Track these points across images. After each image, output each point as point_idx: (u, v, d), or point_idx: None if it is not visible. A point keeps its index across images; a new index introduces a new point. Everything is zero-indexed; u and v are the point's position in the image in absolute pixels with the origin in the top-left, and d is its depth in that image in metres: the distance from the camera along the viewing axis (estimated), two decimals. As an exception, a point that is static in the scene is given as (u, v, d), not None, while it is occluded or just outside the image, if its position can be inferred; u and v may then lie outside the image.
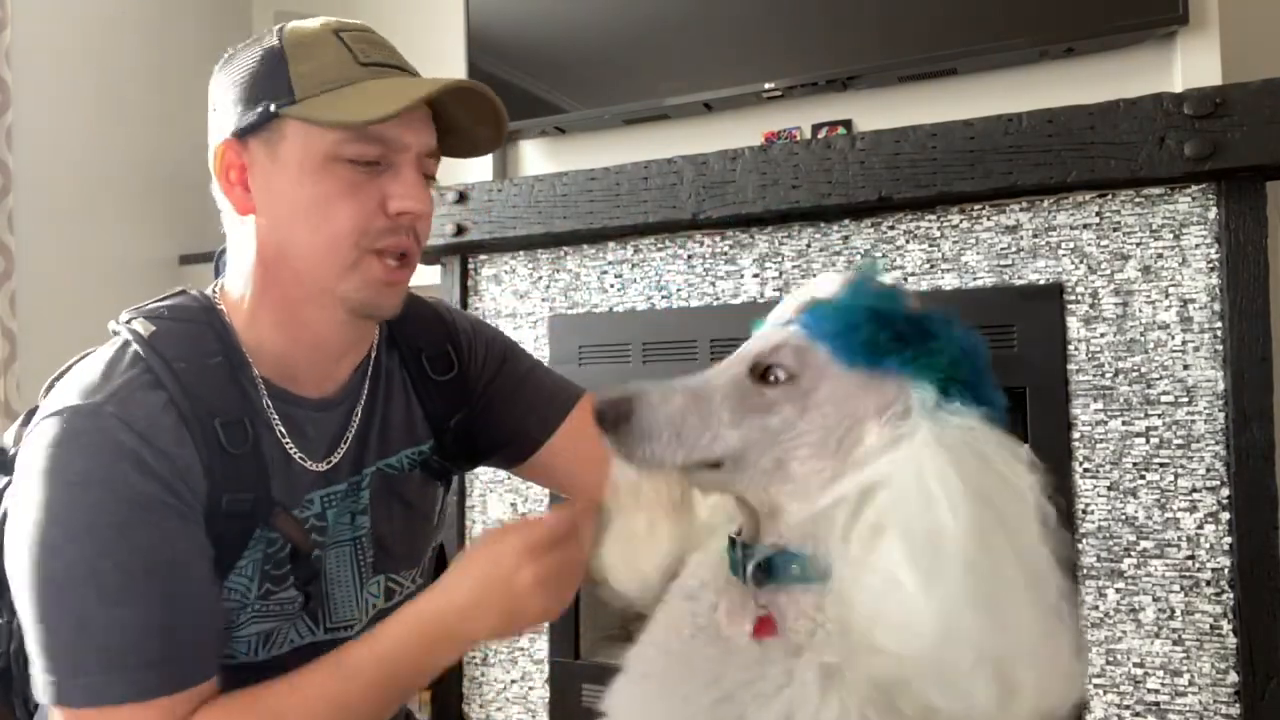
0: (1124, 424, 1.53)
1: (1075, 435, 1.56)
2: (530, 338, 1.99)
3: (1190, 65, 1.66)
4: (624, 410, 0.67)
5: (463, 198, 1.94)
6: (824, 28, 1.89)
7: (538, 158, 2.26)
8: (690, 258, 1.85)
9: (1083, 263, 1.57)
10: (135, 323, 0.87)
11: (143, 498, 0.79)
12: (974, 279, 1.64)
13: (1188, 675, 1.48)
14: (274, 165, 0.86)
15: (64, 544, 0.78)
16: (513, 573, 0.82)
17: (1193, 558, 1.48)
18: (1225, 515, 1.46)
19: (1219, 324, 1.47)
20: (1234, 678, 1.45)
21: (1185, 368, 1.50)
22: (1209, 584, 1.47)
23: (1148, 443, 1.52)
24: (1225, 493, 1.46)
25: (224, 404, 0.85)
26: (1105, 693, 1.52)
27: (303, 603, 0.91)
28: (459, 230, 1.95)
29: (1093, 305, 1.56)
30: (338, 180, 0.85)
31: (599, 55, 2.09)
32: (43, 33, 2.32)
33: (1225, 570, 1.46)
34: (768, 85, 1.92)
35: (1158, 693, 1.49)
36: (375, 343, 1.00)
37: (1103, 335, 1.55)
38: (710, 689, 0.67)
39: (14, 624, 0.85)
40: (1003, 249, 1.62)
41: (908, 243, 1.68)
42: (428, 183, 0.91)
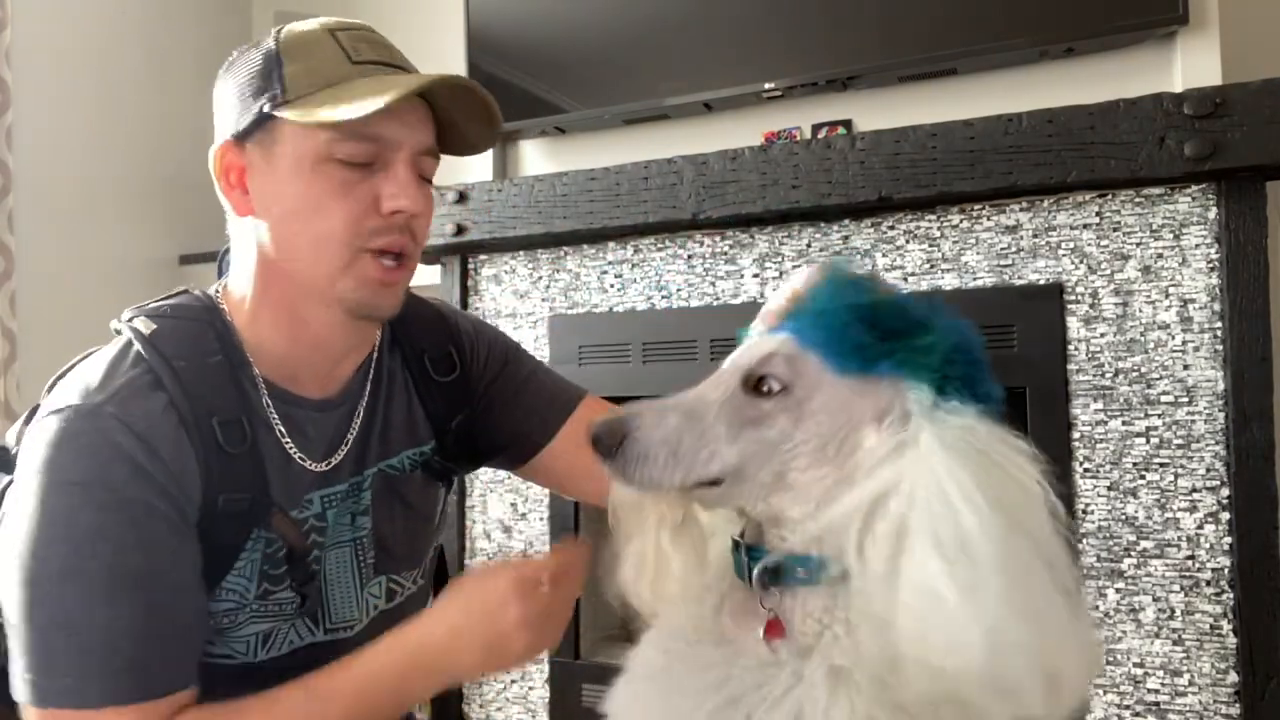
0: (1124, 424, 1.53)
1: (1075, 435, 1.56)
2: (530, 338, 1.99)
3: (1190, 65, 1.66)
4: (619, 435, 0.67)
5: (463, 198, 1.94)
6: (824, 28, 1.89)
7: (538, 158, 2.26)
8: (690, 258, 1.85)
9: (1083, 263, 1.57)
10: (137, 321, 0.87)
11: (134, 503, 0.79)
12: (974, 279, 1.64)
13: (1188, 675, 1.48)
14: (269, 166, 0.86)
15: (52, 543, 0.78)
16: (500, 609, 0.82)
17: (1193, 558, 1.48)
18: (1225, 515, 1.46)
19: (1219, 324, 1.47)
20: (1234, 678, 1.45)
21: (1185, 368, 1.50)
22: (1209, 584, 1.47)
23: (1148, 443, 1.52)
24: (1225, 493, 1.46)
25: (222, 403, 0.85)
26: (1105, 693, 1.52)
27: (300, 604, 0.91)
28: (459, 230, 1.95)
29: (1093, 305, 1.56)
30: (329, 180, 0.84)
31: (599, 55, 2.09)
32: (43, 33, 2.32)
33: (1225, 570, 1.46)
34: (768, 85, 1.92)
35: (1158, 693, 1.49)
36: (377, 343, 1.00)
37: (1103, 335, 1.55)
38: (716, 691, 0.67)
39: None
40: (1003, 249, 1.62)
41: (908, 243, 1.68)
42: (425, 182, 0.90)
